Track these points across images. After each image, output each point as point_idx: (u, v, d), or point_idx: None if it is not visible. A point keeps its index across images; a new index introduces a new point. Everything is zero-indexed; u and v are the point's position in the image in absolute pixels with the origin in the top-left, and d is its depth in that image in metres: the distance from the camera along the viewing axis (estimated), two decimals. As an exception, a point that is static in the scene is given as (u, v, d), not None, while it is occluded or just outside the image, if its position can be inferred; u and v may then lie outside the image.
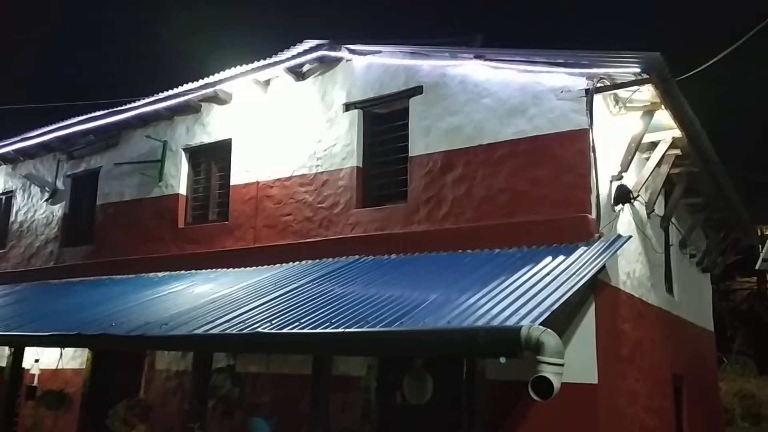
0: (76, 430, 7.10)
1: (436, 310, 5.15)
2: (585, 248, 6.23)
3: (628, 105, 7.32)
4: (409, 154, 8.01)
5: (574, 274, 5.51)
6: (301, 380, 7.07)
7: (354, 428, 7.01)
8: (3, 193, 12.90)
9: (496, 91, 7.40)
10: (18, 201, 12.50)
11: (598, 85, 6.79)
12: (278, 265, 8.38)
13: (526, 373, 4.18)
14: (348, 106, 8.60)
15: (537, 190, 6.93)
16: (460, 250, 7.11)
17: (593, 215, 6.57)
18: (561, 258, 6.01)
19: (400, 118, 8.23)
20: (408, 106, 8.10)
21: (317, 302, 6.04)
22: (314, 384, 5.47)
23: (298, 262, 8.26)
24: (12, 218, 12.48)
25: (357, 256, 7.82)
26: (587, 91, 6.73)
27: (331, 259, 7.98)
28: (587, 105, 6.74)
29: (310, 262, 8.13)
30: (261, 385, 6.81)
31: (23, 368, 8.39)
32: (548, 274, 5.61)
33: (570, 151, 6.79)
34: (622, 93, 7.14)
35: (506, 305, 4.96)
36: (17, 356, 7.79)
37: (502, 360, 5.86)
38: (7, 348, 8.06)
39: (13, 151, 12.26)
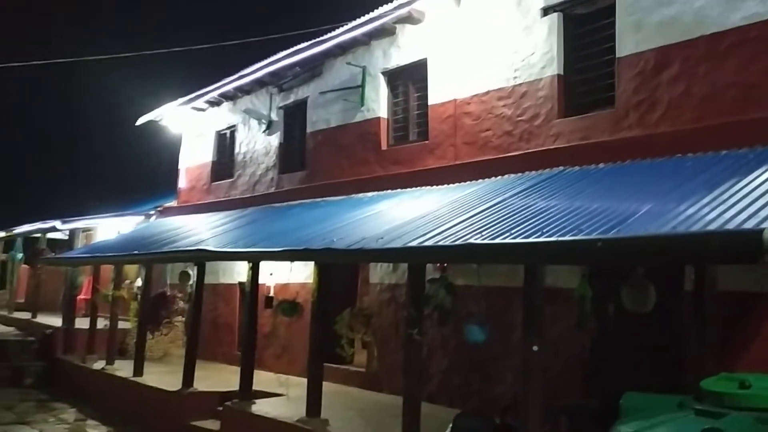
0: (308, 334, 7.94)
1: (656, 218, 4.84)
2: (838, 143, 5.41)
3: None
4: (617, 55, 7.47)
5: (825, 173, 4.83)
6: (511, 292, 7.19)
7: (568, 338, 7.03)
8: (228, 128, 14.36)
9: (721, -30, 6.53)
10: (240, 134, 13.84)
11: None
12: (480, 180, 8.43)
13: (766, 284, 3.83)
14: (546, 11, 8.17)
15: (775, 81, 6.10)
16: (678, 155, 6.57)
17: None
18: (807, 156, 5.29)
19: (605, 16, 7.65)
20: (614, 2, 7.49)
21: (525, 214, 6.00)
22: (526, 293, 5.51)
23: (500, 177, 8.23)
24: (236, 150, 13.89)
25: (561, 168, 7.59)
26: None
27: (534, 172, 7.83)
28: (842, -27, 5.70)
29: (512, 176, 8.06)
30: (472, 297, 7.03)
31: (259, 282, 9.49)
32: (792, 174, 4.98)
33: (818, 31, 5.83)
34: None
35: (740, 209, 4.49)
36: (255, 270, 8.83)
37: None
38: (245, 264, 9.13)
39: (232, 88, 13.47)
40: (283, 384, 9.11)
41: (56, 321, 15.03)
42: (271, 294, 10.99)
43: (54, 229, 17.84)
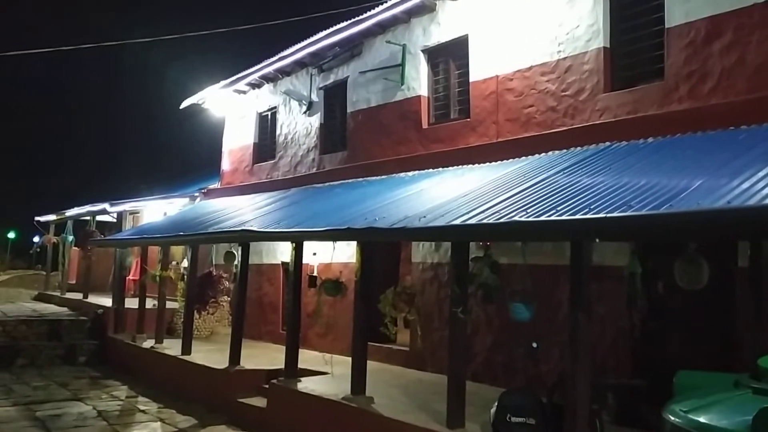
0: (351, 313, 8.00)
1: (709, 193, 4.70)
2: None
3: None
4: (666, 26, 7.24)
5: None
6: (557, 270, 7.11)
7: (616, 315, 6.92)
8: (269, 110, 14.44)
9: (778, -67, 6.25)
10: (281, 115, 13.92)
11: None
12: (523, 158, 8.31)
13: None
14: (591, -19, 7.94)
15: (835, 48, 5.83)
16: (732, 127, 6.36)
17: None
18: None
19: (653, -15, 7.42)
20: (663, -30, 7.24)
21: (571, 191, 5.88)
22: (573, 271, 5.43)
23: (543, 154, 8.10)
24: (278, 131, 13.98)
25: (608, 143, 7.43)
26: None
27: (579, 149, 7.68)
28: None
29: (557, 152, 7.92)
30: (517, 276, 6.97)
31: (303, 262, 9.58)
32: None
33: None
34: None
35: (800, 182, 4.35)
36: (298, 250, 8.90)
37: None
38: (289, 244, 9.21)
39: (273, 70, 13.53)
40: (327, 362, 9.22)
41: (107, 301, 15.48)
42: (315, 273, 11.10)
43: (103, 212, 18.33)
